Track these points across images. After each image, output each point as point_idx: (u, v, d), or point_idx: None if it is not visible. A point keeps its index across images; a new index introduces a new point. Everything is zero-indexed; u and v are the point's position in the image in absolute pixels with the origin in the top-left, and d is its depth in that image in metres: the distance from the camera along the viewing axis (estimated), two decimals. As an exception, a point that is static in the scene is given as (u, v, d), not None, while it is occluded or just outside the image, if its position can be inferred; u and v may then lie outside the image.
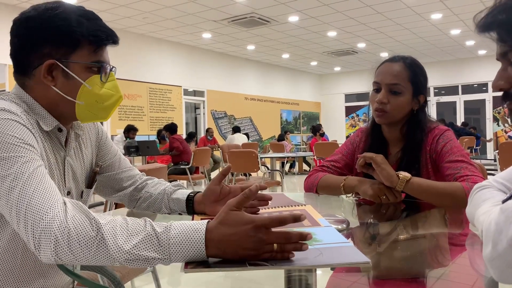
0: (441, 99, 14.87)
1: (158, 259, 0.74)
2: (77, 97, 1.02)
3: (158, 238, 0.75)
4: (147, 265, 0.75)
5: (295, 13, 8.91)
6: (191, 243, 0.74)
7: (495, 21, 0.76)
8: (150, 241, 0.75)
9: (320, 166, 1.67)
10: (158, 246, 0.75)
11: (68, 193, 1.10)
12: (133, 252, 0.74)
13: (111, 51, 1.09)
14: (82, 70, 1.02)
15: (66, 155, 1.09)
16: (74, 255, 0.75)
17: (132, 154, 7.12)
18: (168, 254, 0.74)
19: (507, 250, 0.58)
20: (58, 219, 0.77)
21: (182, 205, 1.20)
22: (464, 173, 1.35)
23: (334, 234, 0.86)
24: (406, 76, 1.49)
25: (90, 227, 0.77)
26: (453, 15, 9.13)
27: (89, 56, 1.02)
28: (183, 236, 0.75)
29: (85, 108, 1.04)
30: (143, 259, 0.74)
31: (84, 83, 1.02)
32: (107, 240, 0.75)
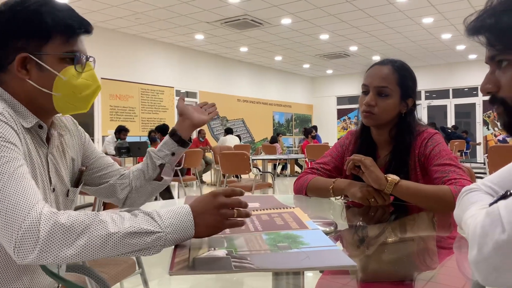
0: (432, 103, 14.99)
1: (155, 232, 0.80)
2: (53, 88, 1.02)
3: (152, 217, 0.82)
4: (145, 239, 0.79)
5: (287, 16, 8.92)
6: (182, 218, 0.83)
7: (484, 25, 0.76)
8: (146, 220, 0.82)
9: (310, 169, 1.67)
10: (153, 222, 0.82)
11: (53, 190, 1.09)
12: (133, 225, 0.79)
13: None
14: (56, 61, 1.01)
15: (49, 152, 1.08)
16: (64, 247, 0.76)
17: (123, 155, 7.07)
18: (163, 228, 0.81)
19: (492, 253, 0.58)
20: (42, 218, 0.76)
21: (171, 143, 1.30)
22: (452, 176, 1.35)
23: (321, 237, 0.86)
24: (394, 79, 1.49)
25: (84, 216, 0.79)
26: (444, 19, 9.21)
27: (62, 46, 1.01)
28: (172, 213, 0.84)
29: (63, 99, 1.03)
30: (143, 232, 0.79)
31: (59, 75, 1.01)
32: (105, 221, 0.79)
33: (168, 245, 0.82)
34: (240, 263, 0.72)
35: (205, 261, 0.74)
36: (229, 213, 0.87)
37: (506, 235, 0.56)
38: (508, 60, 0.74)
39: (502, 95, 0.77)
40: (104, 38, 9.50)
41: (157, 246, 0.81)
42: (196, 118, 1.33)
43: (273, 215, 1.06)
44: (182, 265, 0.72)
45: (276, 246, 0.81)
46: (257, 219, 1.02)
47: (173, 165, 1.33)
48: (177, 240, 0.83)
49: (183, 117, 1.32)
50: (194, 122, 1.32)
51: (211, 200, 0.87)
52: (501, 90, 0.77)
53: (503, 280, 0.58)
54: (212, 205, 0.86)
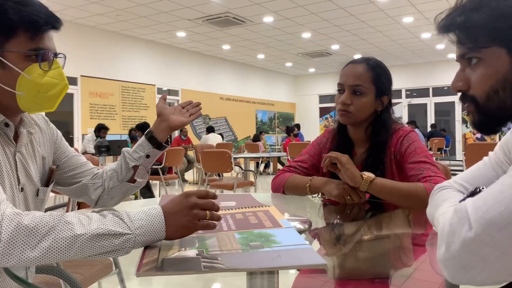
0: (412, 101, 15.20)
1: (124, 234, 0.78)
2: (17, 87, 0.97)
3: (121, 219, 0.80)
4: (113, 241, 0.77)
5: (269, 14, 8.93)
6: (152, 220, 0.81)
7: (454, 23, 0.76)
8: (114, 220, 0.79)
9: (287, 167, 1.67)
10: (122, 223, 0.79)
11: (22, 190, 1.06)
12: (101, 227, 0.77)
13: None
14: (20, 59, 0.97)
15: (17, 151, 1.05)
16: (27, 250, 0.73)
17: (103, 154, 6.98)
18: (133, 230, 0.79)
19: (459, 251, 0.58)
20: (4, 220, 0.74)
21: (146, 145, 1.26)
22: (427, 174, 1.36)
23: (293, 236, 0.85)
24: (368, 77, 1.50)
25: (49, 217, 0.76)
26: (424, 18, 9.34)
27: (26, 43, 0.97)
28: (143, 215, 0.82)
29: (27, 98, 0.99)
30: (111, 233, 0.77)
31: (23, 73, 0.97)
32: (71, 222, 0.76)
33: (138, 246, 0.81)
34: (210, 263, 0.71)
35: (174, 262, 0.73)
36: (202, 214, 0.85)
37: (472, 233, 0.56)
38: (477, 57, 0.75)
39: (472, 93, 0.77)
40: (84, 35, 9.35)
41: (125, 248, 0.79)
42: (174, 120, 1.28)
43: (247, 214, 1.05)
44: (150, 266, 0.71)
45: (248, 245, 0.80)
46: (231, 218, 1.01)
47: (148, 167, 1.29)
48: (147, 242, 0.81)
49: (161, 118, 1.28)
50: (171, 125, 1.27)
51: (183, 201, 0.85)
52: (471, 88, 0.77)
53: (471, 277, 0.58)
54: (184, 206, 0.84)
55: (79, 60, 9.16)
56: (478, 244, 0.56)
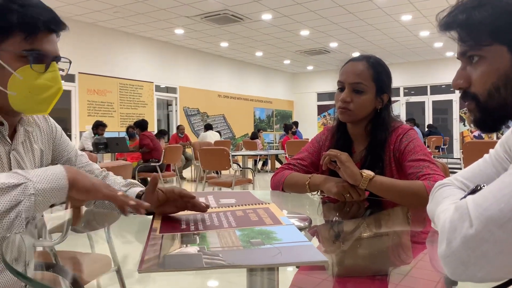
0: (410, 99, 15.22)
1: (21, 184, 0.77)
2: (8, 87, 0.97)
3: (16, 172, 0.80)
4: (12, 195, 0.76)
5: (268, 11, 8.91)
6: (50, 169, 0.82)
7: (456, 21, 0.77)
8: (9, 175, 0.78)
9: (287, 164, 1.67)
10: (18, 175, 0.79)
11: None
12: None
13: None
14: (13, 59, 0.96)
15: (11, 149, 1.05)
16: None
17: (101, 151, 6.97)
18: (29, 177, 0.79)
19: (460, 248, 0.58)
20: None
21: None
22: (426, 171, 1.37)
23: (294, 233, 0.85)
24: (369, 75, 1.50)
25: None
26: (422, 17, 9.35)
27: (20, 44, 0.96)
28: (43, 169, 0.82)
29: (19, 99, 0.99)
30: (6, 186, 0.76)
31: (14, 73, 0.96)
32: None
33: (41, 195, 0.79)
34: (211, 259, 0.71)
35: (176, 258, 0.73)
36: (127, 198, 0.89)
37: (473, 230, 0.57)
38: (479, 55, 0.75)
39: (473, 90, 0.77)
40: (82, 32, 9.32)
41: (27, 196, 0.78)
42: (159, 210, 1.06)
43: (248, 211, 1.06)
44: (151, 262, 0.71)
45: (249, 242, 0.80)
46: (231, 215, 1.01)
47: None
48: (49, 190, 0.80)
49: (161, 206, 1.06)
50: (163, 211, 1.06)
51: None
52: (472, 86, 0.77)
53: (471, 273, 0.59)
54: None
55: (77, 57, 9.12)
56: (478, 241, 0.56)
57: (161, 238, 0.85)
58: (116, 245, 1.64)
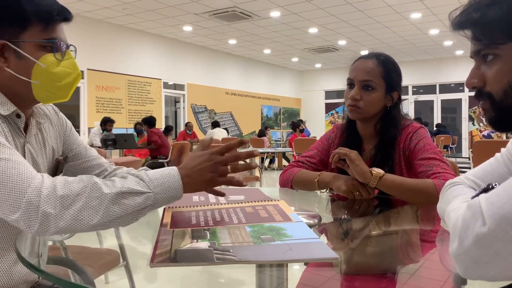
0: (419, 98, 15.12)
1: (145, 193, 0.85)
2: (32, 76, 1.01)
3: (141, 179, 0.87)
4: (136, 200, 0.84)
5: (276, 9, 8.90)
6: (169, 178, 0.89)
7: (469, 19, 0.76)
8: (135, 180, 0.87)
9: (295, 162, 1.67)
10: (143, 183, 0.86)
11: None
12: (124, 186, 0.84)
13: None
14: (34, 49, 1.00)
15: (26, 142, 1.06)
16: (65, 209, 0.79)
17: (109, 147, 7.01)
18: (152, 188, 0.86)
19: (472, 246, 0.58)
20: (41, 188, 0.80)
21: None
22: (436, 170, 1.36)
23: (304, 230, 0.86)
24: (378, 72, 1.49)
25: (79, 181, 0.83)
26: (432, 15, 9.28)
27: (40, 34, 1.00)
28: (160, 174, 0.89)
29: (42, 87, 1.02)
30: (134, 192, 0.84)
31: (38, 62, 1.00)
32: (98, 183, 0.84)
33: (159, 205, 0.88)
34: (222, 255, 0.72)
35: (187, 253, 0.74)
36: (222, 169, 0.95)
37: (486, 228, 0.57)
38: (493, 54, 0.74)
39: (488, 89, 0.77)
40: (90, 28, 9.37)
41: (147, 205, 0.86)
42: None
43: (257, 207, 1.06)
44: (163, 257, 0.72)
45: (259, 238, 0.80)
46: (241, 212, 1.02)
47: None
48: (166, 200, 0.88)
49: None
50: None
51: (205, 159, 0.94)
52: (487, 85, 0.77)
53: (483, 272, 0.58)
54: (204, 165, 0.93)
55: (86, 53, 9.17)
56: (491, 239, 0.56)
57: (171, 233, 0.86)
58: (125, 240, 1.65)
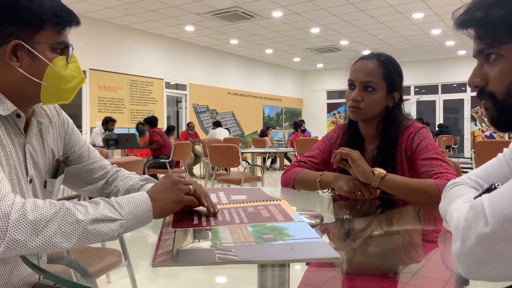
0: (421, 98, 15.10)
1: (117, 220, 0.86)
2: (44, 78, 1.01)
3: (112, 206, 0.88)
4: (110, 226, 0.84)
5: (278, 9, 8.89)
6: (140, 205, 0.90)
7: (473, 18, 0.76)
8: (107, 207, 0.87)
9: (297, 162, 1.67)
10: (114, 210, 0.87)
11: (30, 181, 1.07)
12: (98, 212, 0.84)
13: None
14: (47, 51, 1.01)
15: (26, 142, 1.06)
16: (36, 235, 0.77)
17: (111, 147, 7.02)
18: (124, 215, 0.87)
19: (475, 246, 0.58)
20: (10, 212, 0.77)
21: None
22: (439, 170, 1.36)
23: (306, 230, 0.86)
24: (379, 73, 1.49)
25: (50, 205, 0.81)
26: (434, 15, 9.26)
27: (54, 36, 1.01)
28: (131, 201, 0.90)
29: (50, 89, 1.03)
30: (107, 219, 0.84)
31: (50, 64, 1.00)
32: (71, 209, 0.82)
33: (128, 231, 0.89)
34: (224, 255, 0.72)
35: (189, 253, 0.74)
36: (186, 188, 0.98)
37: (489, 228, 0.56)
38: (496, 53, 0.74)
39: (491, 89, 0.76)
40: (93, 28, 9.38)
41: (119, 232, 0.86)
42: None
43: (259, 207, 1.06)
44: (165, 257, 0.72)
45: (261, 238, 0.80)
46: (243, 211, 1.02)
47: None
48: (136, 226, 0.89)
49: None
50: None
51: (167, 179, 0.99)
52: (490, 84, 0.76)
53: (485, 272, 0.58)
54: (169, 183, 0.97)
55: (88, 53, 9.19)
56: (494, 239, 0.56)
57: (173, 233, 0.86)
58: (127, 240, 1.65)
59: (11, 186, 0.98)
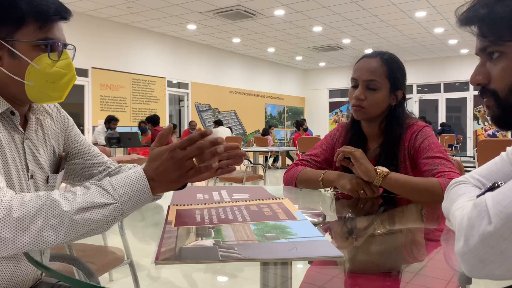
0: (423, 97, 15.06)
1: (110, 204, 0.80)
2: (25, 77, 0.98)
3: (104, 189, 0.81)
4: (101, 213, 0.79)
5: (281, 7, 8.88)
6: (136, 184, 0.83)
7: (477, 15, 0.75)
8: (98, 192, 0.81)
9: (300, 160, 1.67)
10: (106, 194, 0.81)
11: (31, 177, 1.07)
12: (86, 200, 0.78)
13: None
14: (29, 48, 0.97)
15: (25, 138, 1.05)
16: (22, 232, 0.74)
17: (114, 146, 7.03)
18: (117, 198, 0.81)
19: (478, 245, 0.58)
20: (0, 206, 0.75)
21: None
22: (441, 169, 1.36)
23: (309, 228, 0.85)
24: (382, 72, 1.49)
25: (36, 199, 0.77)
26: (437, 13, 9.23)
27: (35, 33, 0.97)
28: (125, 181, 0.83)
29: (35, 88, 1.00)
30: (97, 205, 0.79)
31: (32, 63, 0.97)
32: (57, 200, 0.77)
33: (127, 213, 0.83)
34: (227, 253, 0.72)
35: (192, 251, 0.74)
36: (188, 164, 0.86)
37: (492, 227, 0.56)
38: (499, 51, 0.74)
39: (493, 87, 0.76)
40: (95, 27, 9.39)
41: (116, 217, 0.81)
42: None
43: (261, 205, 1.06)
44: (168, 255, 0.72)
45: (264, 236, 0.80)
46: (245, 210, 1.02)
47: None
48: (134, 207, 0.83)
49: None
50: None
51: (167, 156, 0.86)
52: (492, 82, 0.76)
53: (488, 271, 0.58)
54: (170, 163, 0.85)
55: (90, 52, 9.20)
56: (497, 238, 0.56)
57: (176, 231, 0.86)
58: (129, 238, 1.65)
59: (9, 182, 0.98)
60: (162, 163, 0.86)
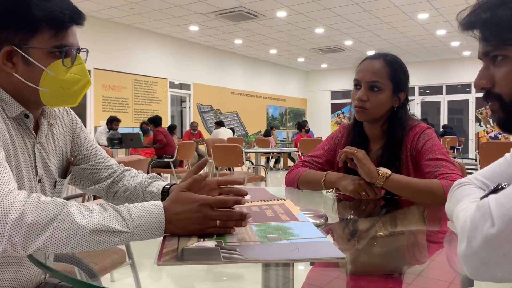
0: (425, 99, 15.05)
1: (123, 232, 0.79)
2: (40, 84, 0.98)
3: (121, 216, 0.80)
4: (112, 239, 0.78)
5: (283, 9, 8.89)
6: (152, 220, 0.81)
7: (479, 19, 0.75)
8: (115, 217, 0.79)
9: (301, 161, 1.67)
10: (122, 221, 0.79)
11: (39, 181, 1.07)
12: (101, 223, 0.77)
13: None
14: (43, 55, 0.96)
15: (36, 142, 1.05)
16: (33, 237, 0.73)
17: (115, 146, 7.04)
18: (131, 228, 0.79)
19: (481, 247, 0.58)
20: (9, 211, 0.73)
21: (157, 198, 1.16)
22: (444, 171, 1.35)
23: (311, 229, 0.85)
24: (385, 73, 1.49)
25: (52, 206, 0.76)
26: (440, 15, 9.23)
27: (50, 40, 0.96)
28: (143, 213, 0.81)
29: (50, 94, 1.00)
30: (111, 231, 0.78)
31: (46, 70, 0.97)
32: (73, 213, 0.76)
33: (132, 241, 0.82)
34: (229, 254, 0.72)
35: (194, 252, 0.74)
36: (211, 224, 0.83)
37: (495, 229, 0.56)
38: (503, 55, 0.74)
39: (497, 90, 0.76)
40: (97, 28, 9.41)
41: (122, 243, 0.80)
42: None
43: (263, 207, 1.06)
44: (170, 256, 0.72)
45: (266, 237, 0.80)
46: (247, 211, 1.02)
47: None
48: (142, 239, 0.81)
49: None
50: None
51: (195, 209, 0.83)
52: (496, 86, 0.76)
53: (491, 273, 0.58)
54: (195, 215, 0.83)
55: (93, 52, 9.14)
56: (500, 240, 0.56)
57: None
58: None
59: (20, 185, 0.98)
60: (187, 212, 0.83)
